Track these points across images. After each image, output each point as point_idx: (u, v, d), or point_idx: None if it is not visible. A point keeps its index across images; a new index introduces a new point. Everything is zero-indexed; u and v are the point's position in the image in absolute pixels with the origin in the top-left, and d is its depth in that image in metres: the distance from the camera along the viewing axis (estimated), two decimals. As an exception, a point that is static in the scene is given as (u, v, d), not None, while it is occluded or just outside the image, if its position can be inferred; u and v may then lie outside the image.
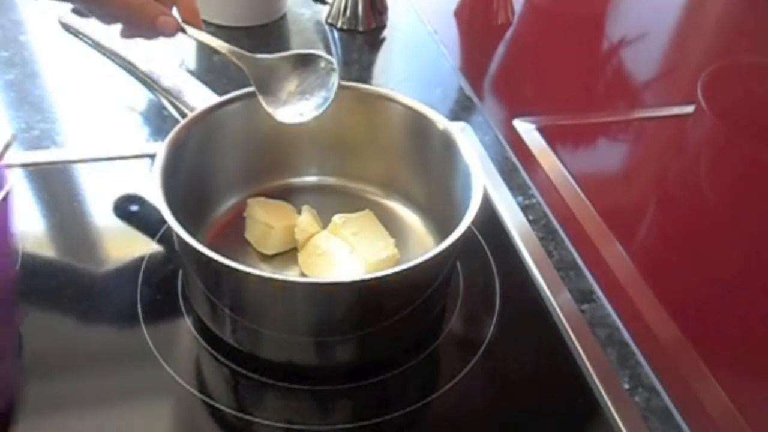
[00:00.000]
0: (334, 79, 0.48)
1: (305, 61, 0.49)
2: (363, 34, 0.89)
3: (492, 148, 0.70)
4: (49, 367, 0.45)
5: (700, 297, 0.56)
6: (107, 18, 0.48)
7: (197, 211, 0.53)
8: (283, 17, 0.90)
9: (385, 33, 0.90)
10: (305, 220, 0.52)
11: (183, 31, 0.47)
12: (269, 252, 0.52)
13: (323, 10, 0.91)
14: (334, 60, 0.48)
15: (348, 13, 0.89)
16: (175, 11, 0.48)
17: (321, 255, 0.50)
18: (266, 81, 0.49)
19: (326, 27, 0.90)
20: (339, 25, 0.89)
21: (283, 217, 0.53)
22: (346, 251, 0.50)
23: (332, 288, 0.41)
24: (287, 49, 0.85)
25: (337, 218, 0.52)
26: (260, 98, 0.49)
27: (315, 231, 0.53)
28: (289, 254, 0.53)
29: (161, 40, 0.48)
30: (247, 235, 0.53)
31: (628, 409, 0.46)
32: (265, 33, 0.87)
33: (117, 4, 0.45)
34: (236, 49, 0.48)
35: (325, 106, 0.48)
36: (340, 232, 0.51)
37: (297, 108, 0.49)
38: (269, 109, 0.48)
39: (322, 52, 0.49)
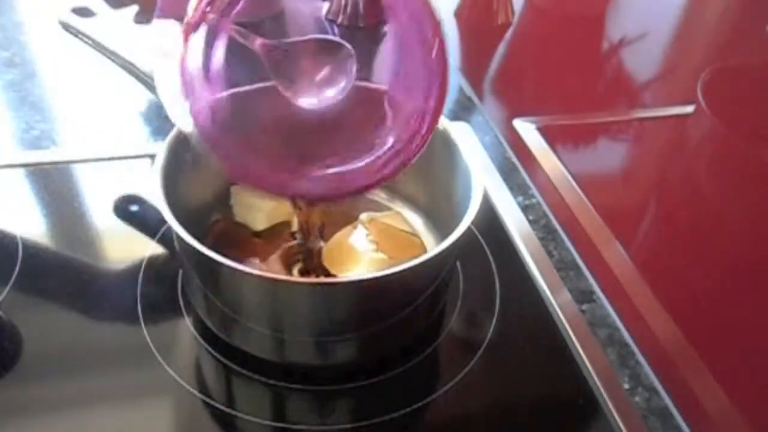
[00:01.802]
0: (352, 65, 0.48)
1: (322, 48, 0.49)
2: (364, 30, 0.88)
3: (492, 148, 0.70)
4: (49, 367, 0.45)
5: (701, 297, 0.56)
6: None
7: (197, 211, 0.53)
8: (281, 13, 0.90)
9: (387, 29, 0.90)
10: None
11: None
12: (261, 227, 0.54)
13: (323, 6, 0.91)
14: (350, 46, 0.48)
15: (348, 9, 0.88)
16: None
17: (346, 251, 0.51)
18: (282, 65, 0.48)
19: (326, 23, 0.90)
20: (339, 21, 0.89)
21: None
22: (371, 248, 0.50)
23: (331, 288, 0.41)
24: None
25: (365, 216, 0.53)
26: (277, 82, 0.48)
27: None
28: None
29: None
30: (239, 219, 0.54)
31: (628, 409, 0.46)
32: (261, 29, 0.86)
33: None
34: (245, 32, 0.48)
35: (345, 92, 0.48)
36: (366, 229, 0.52)
37: (312, 93, 0.49)
38: (287, 94, 0.48)
39: (338, 39, 0.49)
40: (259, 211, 0.54)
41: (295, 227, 0.55)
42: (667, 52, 0.71)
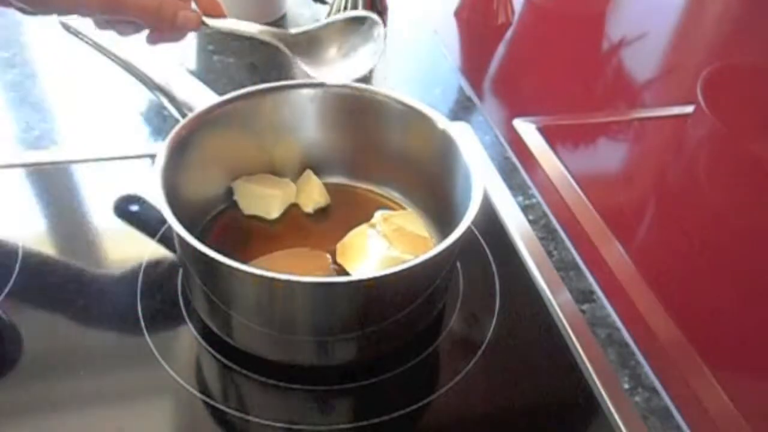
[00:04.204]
0: (380, 31, 0.48)
1: (344, 25, 0.49)
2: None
3: (492, 148, 0.70)
4: (49, 367, 0.45)
5: (700, 297, 0.56)
6: (127, 28, 0.46)
7: (198, 210, 0.53)
8: (282, 17, 0.90)
9: (385, 33, 0.90)
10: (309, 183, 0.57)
11: (205, 24, 0.46)
12: (276, 214, 0.55)
13: (323, 10, 0.91)
14: (374, 15, 0.48)
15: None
16: (194, 5, 0.47)
17: (360, 248, 0.51)
18: (307, 51, 0.49)
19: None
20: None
21: (273, 182, 0.57)
22: (385, 246, 0.51)
23: (331, 287, 0.41)
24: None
25: (379, 214, 0.53)
26: (303, 66, 0.49)
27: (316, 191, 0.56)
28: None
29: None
30: (248, 212, 0.55)
31: (628, 409, 0.46)
32: (265, 33, 0.87)
33: (132, 9, 0.43)
34: (268, 29, 0.47)
35: (377, 57, 0.49)
36: (381, 227, 0.52)
37: (344, 69, 0.49)
38: (315, 75, 0.48)
39: (360, 11, 0.49)
40: (273, 198, 0.55)
41: (306, 208, 0.56)
42: (667, 52, 0.71)
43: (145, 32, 0.47)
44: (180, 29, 0.45)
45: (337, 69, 0.49)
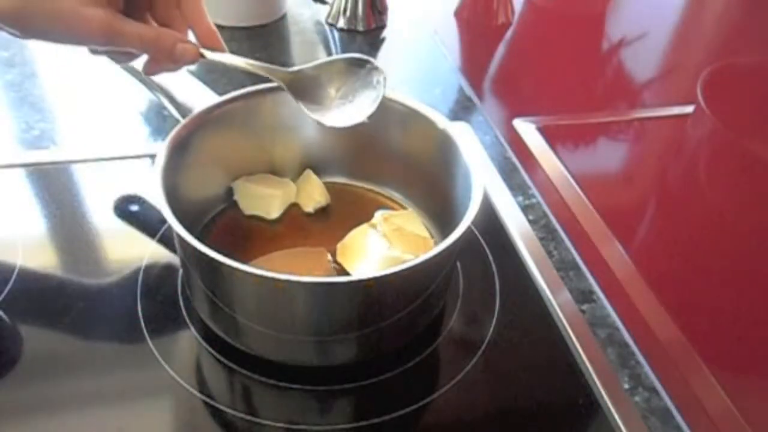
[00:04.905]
0: (380, 77, 0.49)
1: (342, 66, 0.49)
2: (363, 34, 0.89)
3: (492, 148, 0.70)
4: (50, 368, 0.45)
5: (700, 297, 0.56)
6: (122, 56, 0.45)
7: (198, 210, 0.53)
8: (283, 17, 0.90)
9: (385, 33, 0.90)
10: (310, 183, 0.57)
11: (203, 56, 0.45)
12: (277, 214, 0.55)
13: (323, 10, 0.91)
14: (373, 60, 0.48)
15: (348, 13, 0.89)
16: (192, 37, 0.47)
17: (360, 248, 0.51)
18: (304, 90, 0.49)
19: (326, 27, 0.90)
20: (339, 25, 0.89)
21: (273, 182, 0.57)
22: (385, 246, 0.51)
23: (331, 287, 0.41)
24: (288, 49, 0.85)
25: (379, 214, 0.53)
26: (302, 107, 0.49)
27: (317, 192, 0.57)
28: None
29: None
30: (248, 212, 0.55)
31: (628, 409, 0.46)
32: (266, 33, 0.87)
33: (130, 39, 0.42)
34: (267, 66, 0.47)
35: (376, 104, 0.49)
36: (381, 227, 0.52)
37: (343, 112, 0.49)
38: (314, 117, 0.49)
39: (359, 54, 0.49)
40: (273, 198, 0.55)
41: (306, 208, 0.56)
42: (667, 52, 0.71)
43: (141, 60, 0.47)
44: (177, 61, 0.44)
45: (336, 113, 0.49)
